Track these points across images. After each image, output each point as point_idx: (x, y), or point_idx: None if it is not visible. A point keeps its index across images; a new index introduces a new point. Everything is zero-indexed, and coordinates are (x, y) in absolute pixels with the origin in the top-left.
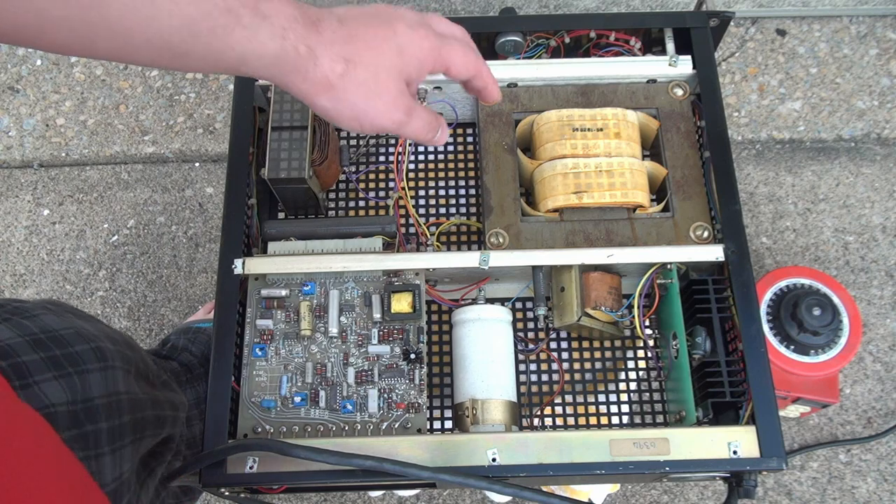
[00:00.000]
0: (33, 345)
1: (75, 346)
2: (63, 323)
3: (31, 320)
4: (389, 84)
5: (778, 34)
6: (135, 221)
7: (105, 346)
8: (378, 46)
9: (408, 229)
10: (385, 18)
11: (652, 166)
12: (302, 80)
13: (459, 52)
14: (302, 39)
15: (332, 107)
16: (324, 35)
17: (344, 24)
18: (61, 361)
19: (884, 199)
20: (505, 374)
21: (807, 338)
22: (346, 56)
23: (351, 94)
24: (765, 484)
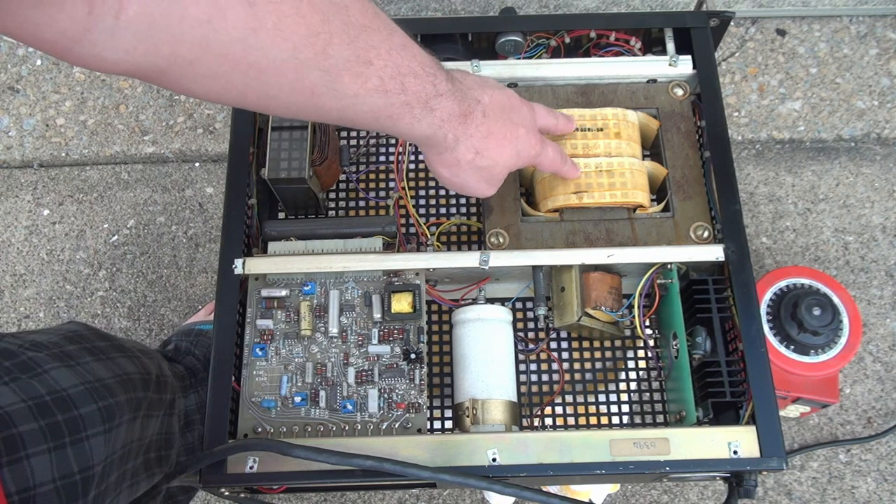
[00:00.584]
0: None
1: (81, 407)
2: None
3: (40, 379)
4: (499, 175)
5: (778, 34)
6: (135, 221)
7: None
8: (503, 147)
9: (408, 229)
10: (513, 120)
11: (652, 166)
12: (437, 154)
13: (550, 156)
14: (452, 130)
15: (448, 177)
16: (469, 129)
17: (486, 118)
18: (61, 429)
19: (884, 199)
20: (505, 374)
21: (807, 338)
22: (478, 149)
23: (468, 175)
24: (765, 484)
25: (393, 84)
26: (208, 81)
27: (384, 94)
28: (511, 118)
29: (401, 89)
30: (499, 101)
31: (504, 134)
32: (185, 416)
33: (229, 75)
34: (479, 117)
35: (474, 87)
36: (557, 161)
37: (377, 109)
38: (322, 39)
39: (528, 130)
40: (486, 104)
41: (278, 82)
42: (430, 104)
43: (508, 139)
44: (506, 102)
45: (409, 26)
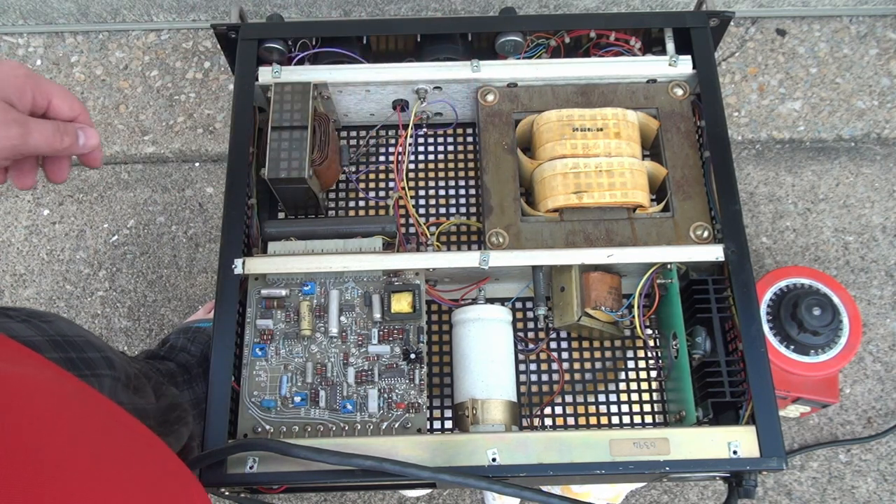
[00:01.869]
0: (52, 345)
1: (88, 352)
2: (74, 330)
3: (48, 324)
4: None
5: (778, 34)
6: (135, 221)
7: (112, 357)
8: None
9: (408, 229)
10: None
11: (652, 166)
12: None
13: (61, 90)
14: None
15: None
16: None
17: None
18: (78, 364)
19: (884, 199)
20: (505, 374)
21: (807, 338)
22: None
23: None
24: (765, 484)
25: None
26: None
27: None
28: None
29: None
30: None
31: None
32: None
33: None
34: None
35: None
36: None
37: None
38: None
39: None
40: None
41: None
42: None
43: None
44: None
45: (409, 26)
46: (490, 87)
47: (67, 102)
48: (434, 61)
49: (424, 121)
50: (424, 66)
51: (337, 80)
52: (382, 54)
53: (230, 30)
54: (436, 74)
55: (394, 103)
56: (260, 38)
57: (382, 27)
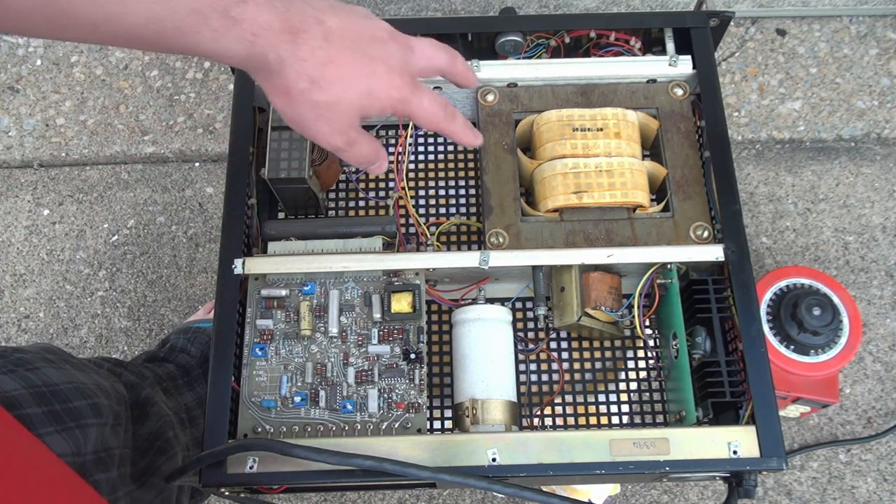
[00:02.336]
0: (36, 398)
1: (74, 401)
2: (62, 377)
3: (34, 373)
4: (342, 116)
5: (778, 34)
6: (135, 221)
7: (101, 402)
8: (349, 81)
9: (408, 229)
10: (370, 53)
11: (652, 166)
12: (264, 79)
13: (425, 107)
14: (273, 48)
15: (281, 107)
16: (300, 50)
17: (328, 44)
18: (62, 416)
19: (884, 199)
20: (505, 374)
21: (807, 338)
22: (313, 77)
23: (302, 109)
24: (765, 484)
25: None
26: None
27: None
28: (367, 50)
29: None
30: (354, 28)
31: (353, 66)
32: (188, 412)
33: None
34: (318, 40)
35: (318, 7)
36: (438, 114)
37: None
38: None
39: (390, 68)
40: (332, 27)
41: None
42: (232, 12)
43: (359, 73)
44: (364, 31)
45: (409, 26)
46: (490, 87)
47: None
48: None
49: None
50: None
51: None
52: None
53: None
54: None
55: None
56: None
57: None
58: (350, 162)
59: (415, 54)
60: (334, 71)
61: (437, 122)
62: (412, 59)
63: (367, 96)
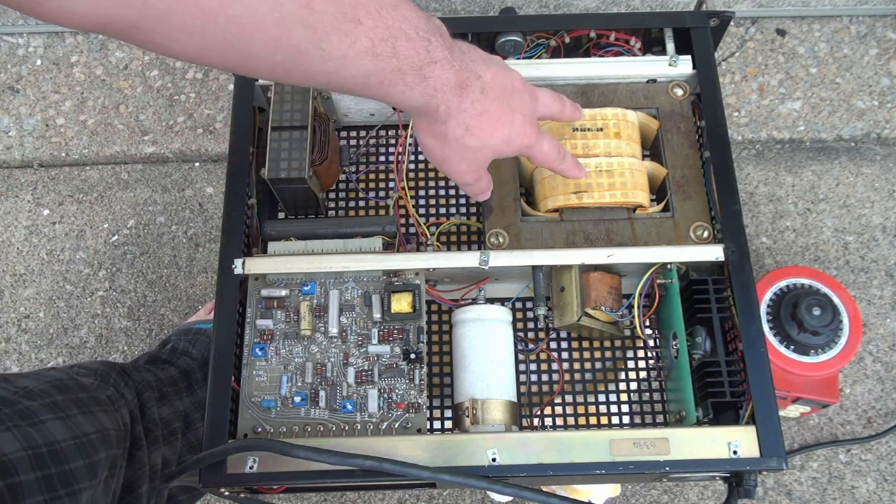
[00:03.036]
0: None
1: (71, 462)
2: (65, 432)
3: (36, 428)
4: (482, 159)
5: (778, 34)
6: (135, 221)
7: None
8: (495, 129)
9: (408, 229)
10: (512, 105)
11: (652, 166)
12: (427, 125)
13: (545, 151)
14: (445, 102)
15: (431, 147)
16: (464, 103)
17: (484, 95)
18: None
19: (884, 199)
20: (505, 374)
21: (807, 338)
22: (468, 125)
23: (452, 152)
24: (765, 484)
25: (384, 47)
26: (185, 37)
27: (374, 58)
28: (510, 101)
29: (392, 53)
30: (501, 82)
31: (499, 116)
32: (185, 418)
33: (206, 30)
34: (477, 93)
35: (477, 61)
36: (553, 156)
37: (367, 74)
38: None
39: (525, 118)
40: (487, 81)
41: (261, 39)
42: (424, 71)
43: (502, 122)
44: (508, 84)
45: None
46: None
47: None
48: None
49: None
50: None
51: None
52: None
53: None
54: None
55: None
56: None
57: None
58: (469, 194)
59: (538, 104)
60: (486, 120)
61: (551, 162)
62: (537, 107)
63: (506, 143)
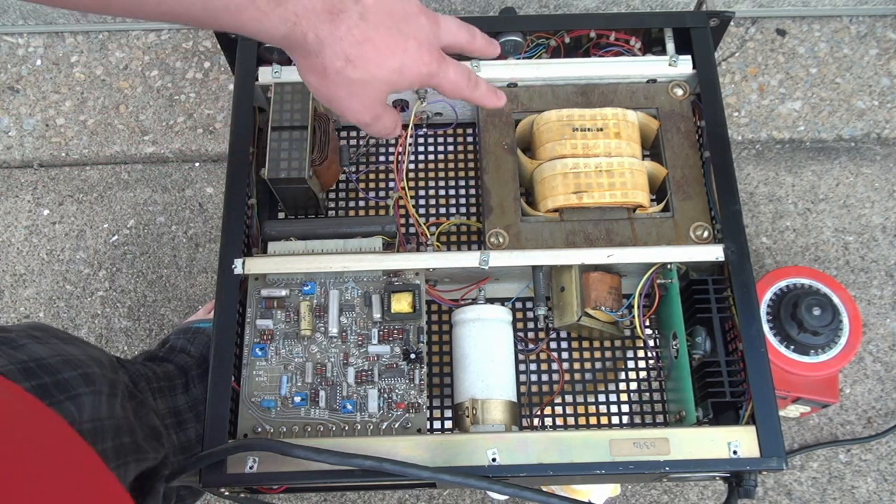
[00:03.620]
0: (24, 373)
1: (63, 372)
2: (49, 350)
3: (19, 350)
4: (374, 93)
5: (778, 34)
6: (135, 221)
7: (92, 371)
8: (383, 58)
9: (408, 229)
10: (403, 30)
11: (652, 166)
12: (301, 58)
13: (451, 78)
14: (313, 28)
15: (315, 85)
16: (339, 29)
17: (364, 21)
18: (51, 389)
19: (884, 199)
20: (505, 374)
21: (807, 338)
22: (349, 55)
23: (336, 87)
24: (765, 484)
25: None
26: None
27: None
28: (400, 27)
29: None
30: (387, 6)
31: (387, 43)
32: (177, 416)
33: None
34: (355, 19)
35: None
36: (461, 84)
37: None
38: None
39: (420, 44)
40: (368, 5)
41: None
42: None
43: (392, 50)
44: (396, 8)
45: None
46: None
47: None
48: None
49: (424, 121)
50: None
51: None
52: None
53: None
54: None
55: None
56: None
57: None
58: (371, 134)
59: (441, 29)
60: (370, 49)
61: (461, 91)
62: (439, 33)
63: (399, 73)
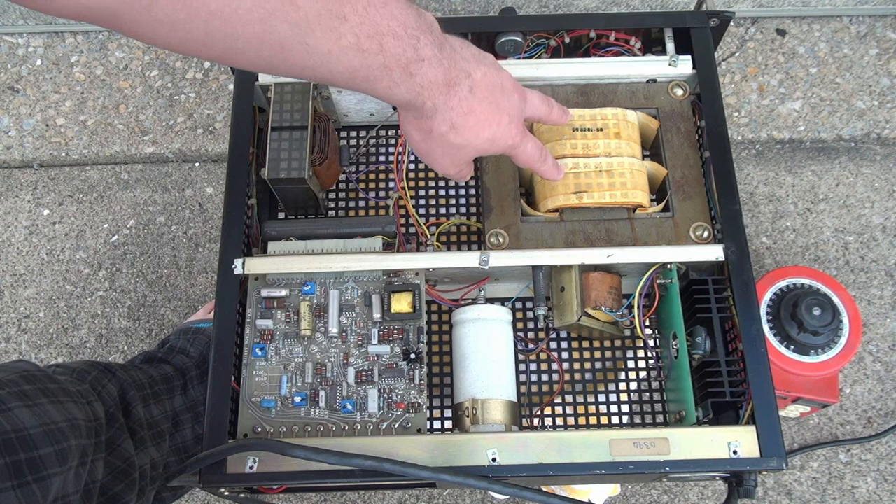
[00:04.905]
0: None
1: (41, 448)
2: (33, 420)
3: (6, 416)
4: (465, 156)
5: (778, 34)
6: (135, 221)
7: (69, 446)
8: (481, 129)
9: (408, 229)
10: (500, 104)
11: (652, 166)
12: (414, 119)
13: (528, 151)
14: (431, 98)
15: (416, 140)
16: (451, 101)
17: (472, 94)
18: (23, 468)
19: (884, 199)
20: (505, 374)
21: (807, 338)
22: (454, 123)
23: (436, 145)
24: (765, 484)
25: (370, 43)
26: (166, 29)
27: (360, 54)
28: (499, 101)
29: (378, 50)
30: (490, 81)
31: (486, 116)
32: (174, 418)
33: (189, 23)
34: (465, 91)
35: (468, 59)
36: (535, 157)
37: (353, 70)
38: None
39: (511, 119)
40: (477, 80)
41: (244, 34)
42: (411, 69)
43: (489, 122)
44: (497, 83)
45: None
46: None
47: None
48: None
49: None
50: None
51: None
52: None
53: None
54: None
55: None
56: None
57: None
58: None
59: (527, 105)
60: (472, 119)
61: (533, 163)
62: (525, 108)
63: (491, 142)
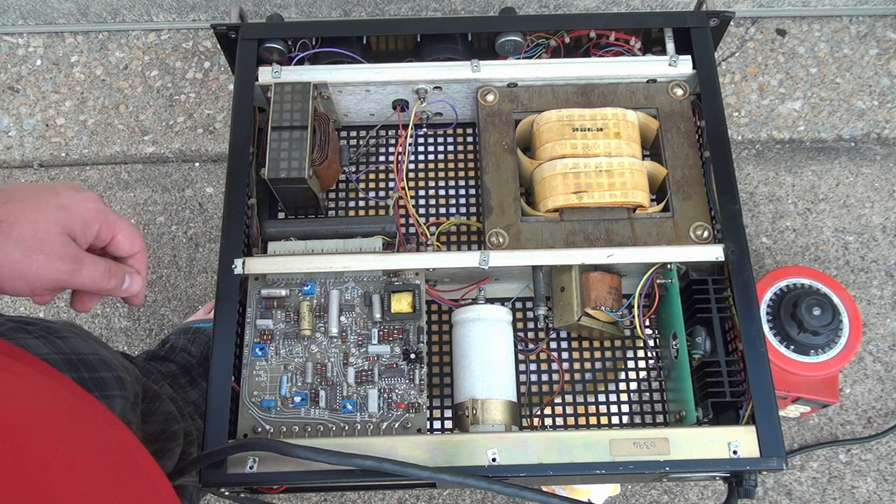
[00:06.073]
0: (67, 364)
1: (101, 371)
2: (89, 348)
3: (64, 341)
4: (51, 238)
5: (778, 34)
6: (135, 221)
7: (124, 377)
8: (37, 205)
9: (408, 229)
10: (48, 186)
11: (652, 166)
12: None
13: (127, 227)
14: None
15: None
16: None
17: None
18: (90, 385)
19: (884, 199)
20: (505, 374)
21: (807, 338)
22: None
23: (10, 253)
24: (765, 484)
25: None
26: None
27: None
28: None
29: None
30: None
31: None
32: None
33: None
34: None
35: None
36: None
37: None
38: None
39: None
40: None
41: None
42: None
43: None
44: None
45: (409, 26)
46: (490, 87)
47: (129, 241)
48: (434, 61)
49: (424, 121)
50: (424, 66)
51: (337, 80)
52: (382, 54)
53: (230, 30)
54: (436, 74)
55: (394, 103)
56: (260, 38)
57: (382, 27)
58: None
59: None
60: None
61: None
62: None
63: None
